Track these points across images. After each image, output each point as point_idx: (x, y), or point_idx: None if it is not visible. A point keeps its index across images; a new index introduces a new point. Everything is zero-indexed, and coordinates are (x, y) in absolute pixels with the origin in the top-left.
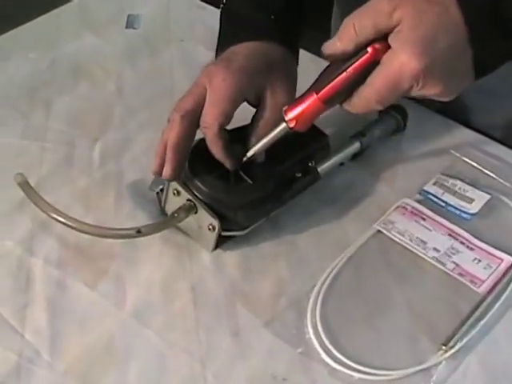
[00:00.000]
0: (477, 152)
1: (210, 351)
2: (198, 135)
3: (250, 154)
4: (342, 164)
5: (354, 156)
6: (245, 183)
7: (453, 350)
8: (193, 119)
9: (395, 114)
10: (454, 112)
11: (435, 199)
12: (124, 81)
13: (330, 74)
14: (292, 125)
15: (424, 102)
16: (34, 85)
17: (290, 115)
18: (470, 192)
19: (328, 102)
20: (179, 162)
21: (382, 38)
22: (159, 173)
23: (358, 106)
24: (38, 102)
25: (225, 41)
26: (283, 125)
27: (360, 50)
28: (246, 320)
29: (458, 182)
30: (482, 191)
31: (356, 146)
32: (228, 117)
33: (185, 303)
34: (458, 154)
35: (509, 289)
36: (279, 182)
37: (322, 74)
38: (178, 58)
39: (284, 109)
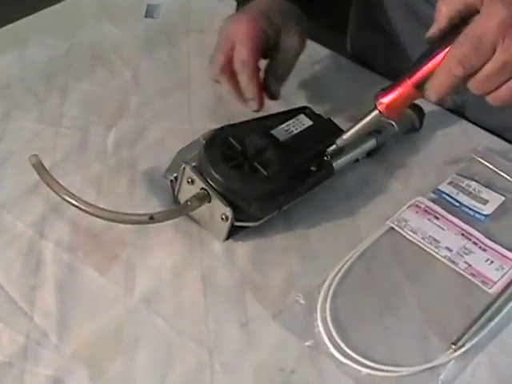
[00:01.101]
0: (493, 154)
1: (219, 341)
2: (215, 124)
3: (340, 141)
4: (357, 160)
5: (370, 153)
6: (260, 174)
7: (462, 350)
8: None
9: (412, 113)
10: (471, 113)
11: (449, 199)
12: (141, 70)
13: (421, 59)
14: (384, 111)
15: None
16: (51, 70)
17: (383, 101)
18: (485, 193)
19: (420, 86)
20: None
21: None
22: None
23: (439, 83)
24: (55, 87)
25: (243, 1)
26: (375, 111)
27: (453, 27)
28: (255, 311)
29: (473, 183)
30: (497, 193)
31: (372, 143)
32: (259, 54)
33: (194, 292)
34: (473, 155)
35: None
36: (294, 175)
37: (416, 60)
38: (196, 48)
39: (376, 95)
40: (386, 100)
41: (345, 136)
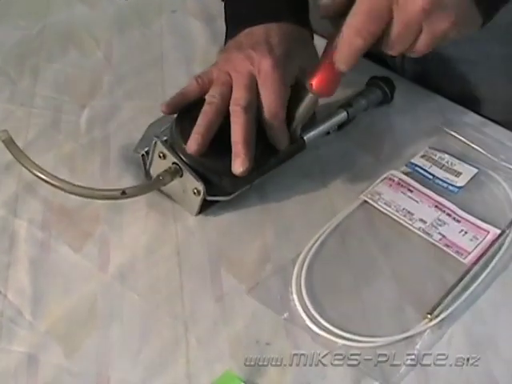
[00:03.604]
0: (465, 127)
1: (194, 315)
2: None
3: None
4: (328, 133)
5: (341, 126)
6: (230, 148)
7: (438, 319)
8: (254, 109)
9: (382, 85)
10: (433, 81)
11: (423, 172)
12: (113, 49)
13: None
14: (317, 91)
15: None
16: (22, 51)
17: (312, 83)
18: (458, 166)
19: None
20: (251, 155)
21: None
22: (199, 151)
23: (344, 56)
24: (27, 68)
25: (238, 23)
26: (310, 95)
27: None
28: (230, 285)
29: (446, 156)
30: (470, 165)
31: (343, 116)
32: (285, 106)
33: (169, 267)
34: (446, 129)
35: (494, 260)
36: (265, 148)
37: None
38: (168, 28)
39: (306, 78)
40: (314, 81)
41: (294, 125)
